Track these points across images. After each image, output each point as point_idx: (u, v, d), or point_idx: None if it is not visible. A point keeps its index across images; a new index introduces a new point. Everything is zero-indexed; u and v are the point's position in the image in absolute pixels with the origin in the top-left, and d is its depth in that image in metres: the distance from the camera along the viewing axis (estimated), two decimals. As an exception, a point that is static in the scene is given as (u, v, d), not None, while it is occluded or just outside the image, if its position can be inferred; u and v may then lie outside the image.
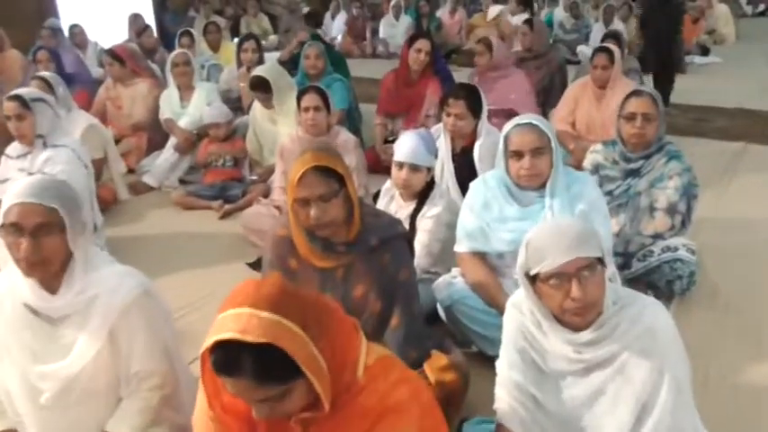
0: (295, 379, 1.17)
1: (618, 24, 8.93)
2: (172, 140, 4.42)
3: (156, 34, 10.86)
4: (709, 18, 10.47)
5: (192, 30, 5.68)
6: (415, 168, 2.54)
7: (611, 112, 3.93)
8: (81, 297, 1.64)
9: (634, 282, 2.77)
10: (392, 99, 4.61)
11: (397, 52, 8.96)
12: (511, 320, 1.67)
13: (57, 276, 1.63)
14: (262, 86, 3.99)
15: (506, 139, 2.28)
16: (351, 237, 1.97)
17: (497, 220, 2.34)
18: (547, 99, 5.16)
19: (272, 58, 7.72)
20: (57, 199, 1.59)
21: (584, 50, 8.59)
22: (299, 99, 3.36)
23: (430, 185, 2.64)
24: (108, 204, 3.96)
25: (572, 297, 1.46)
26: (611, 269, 2.31)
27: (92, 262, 1.67)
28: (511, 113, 4.44)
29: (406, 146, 2.54)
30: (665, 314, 1.59)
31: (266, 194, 3.77)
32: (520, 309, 1.64)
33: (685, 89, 7.21)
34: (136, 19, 6.87)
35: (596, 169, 2.94)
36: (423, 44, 4.43)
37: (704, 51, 9.21)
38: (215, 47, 6.36)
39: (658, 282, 2.75)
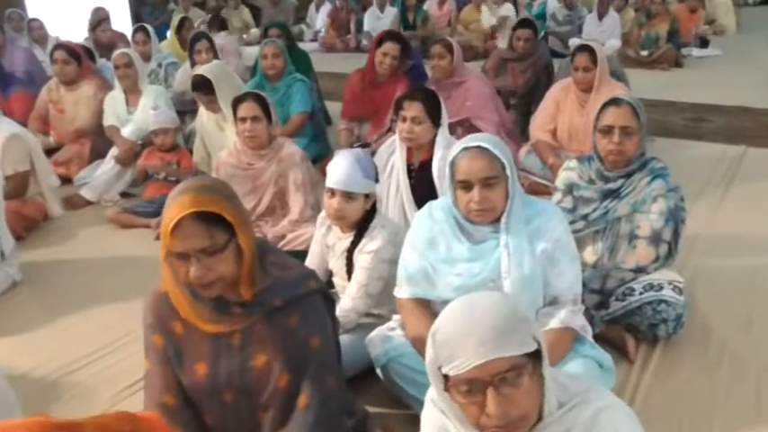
0: None
1: (612, 15, 8.50)
2: (113, 150, 4.01)
3: (132, 28, 10.53)
4: (709, 7, 10.02)
5: (146, 25, 5.25)
6: (348, 197, 2.14)
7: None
8: None
9: (612, 323, 2.38)
10: (357, 102, 4.22)
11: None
12: (430, 421, 1.28)
13: None
14: (204, 86, 3.59)
15: (452, 165, 1.88)
16: (249, 295, 1.58)
17: (444, 260, 1.95)
18: (532, 101, 4.74)
19: (253, 52, 7.39)
20: None
21: (576, 43, 8.16)
22: (234, 108, 2.95)
23: (371, 214, 2.24)
24: (35, 222, 3.57)
25: (487, 413, 1.06)
26: (579, 321, 1.93)
27: None
28: (467, 124, 4.07)
29: (338, 169, 2.14)
30: (630, 418, 1.19)
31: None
32: (442, 407, 1.25)
33: (682, 84, 6.81)
34: (96, 12, 6.44)
35: (570, 189, 2.54)
36: (389, 48, 4.02)
37: (703, 43, 8.76)
38: (185, 45, 5.94)
39: (640, 325, 2.35)
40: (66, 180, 4.19)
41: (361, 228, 2.22)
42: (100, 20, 6.20)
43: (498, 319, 1.07)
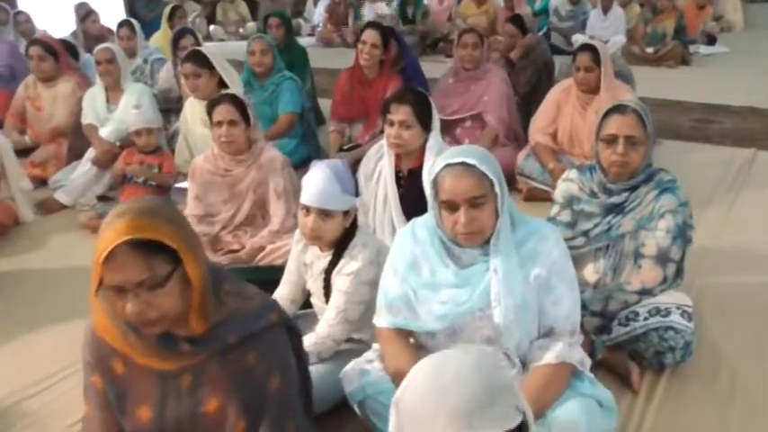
0: None
1: (617, 11, 8.26)
2: (90, 152, 3.82)
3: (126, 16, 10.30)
4: (716, 3, 9.78)
5: (132, 20, 5.04)
6: (325, 214, 1.94)
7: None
8: None
9: (615, 349, 2.19)
10: (347, 102, 4.02)
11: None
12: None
13: None
14: (198, 59, 3.45)
15: (435, 183, 1.69)
16: (200, 330, 1.39)
17: (427, 286, 1.75)
18: (533, 100, 4.53)
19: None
20: None
21: (579, 39, 7.95)
22: (209, 111, 2.75)
23: (351, 231, 2.04)
24: (5, 228, 3.38)
25: None
26: (577, 355, 1.73)
27: None
28: (479, 119, 3.90)
29: (313, 185, 1.94)
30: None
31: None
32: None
33: (689, 83, 6.59)
34: (81, 5, 6.23)
35: (570, 202, 2.34)
36: (369, 35, 3.82)
37: (710, 40, 8.53)
38: None
39: (645, 352, 2.16)
40: (42, 182, 4.02)
41: (340, 246, 2.02)
42: (88, 11, 5.98)
43: (473, 389, 0.87)
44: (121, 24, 4.99)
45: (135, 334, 1.37)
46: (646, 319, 2.11)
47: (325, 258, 2.07)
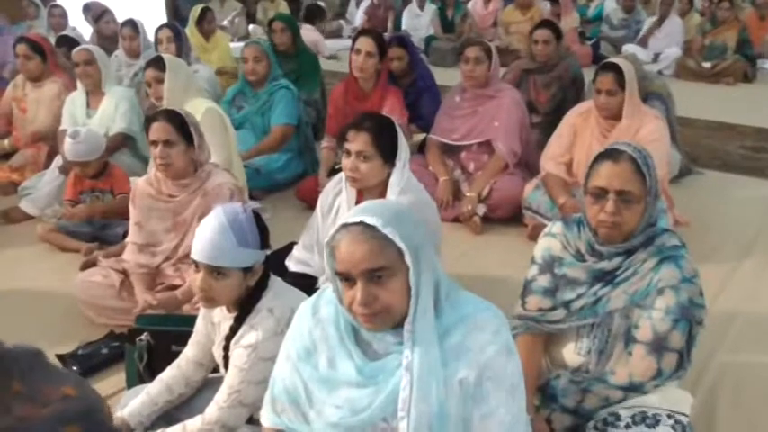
0: None
1: (675, 20, 7.60)
2: (59, 159, 3.56)
3: (166, 16, 10.20)
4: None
5: (135, 19, 4.77)
6: (217, 272, 1.57)
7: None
8: None
9: (589, 457, 1.73)
10: (340, 117, 3.62)
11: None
12: None
13: None
14: (160, 62, 3.16)
15: (331, 249, 1.29)
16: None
17: (323, 381, 1.35)
18: (556, 120, 4.03)
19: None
20: None
21: (629, 50, 7.34)
22: (146, 129, 2.42)
23: (258, 292, 1.66)
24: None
25: None
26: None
27: None
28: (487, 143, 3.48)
29: (202, 236, 1.57)
30: None
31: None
32: None
33: (747, 104, 5.93)
34: (96, 4, 6.02)
35: (550, 265, 1.89)
36: (363, 43, 3.43)
37: (778, 55, 7.76)
38: (207, 37, 5.56)
39: (626, 467, 1.70)
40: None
41: (242, 310, 1.65)
42: (103, 11, 5.78)
43: None
44: (124, 24, 4.74)
45: None
46: (627, 426, 1.65)
47: (230, 321, 1.70)
